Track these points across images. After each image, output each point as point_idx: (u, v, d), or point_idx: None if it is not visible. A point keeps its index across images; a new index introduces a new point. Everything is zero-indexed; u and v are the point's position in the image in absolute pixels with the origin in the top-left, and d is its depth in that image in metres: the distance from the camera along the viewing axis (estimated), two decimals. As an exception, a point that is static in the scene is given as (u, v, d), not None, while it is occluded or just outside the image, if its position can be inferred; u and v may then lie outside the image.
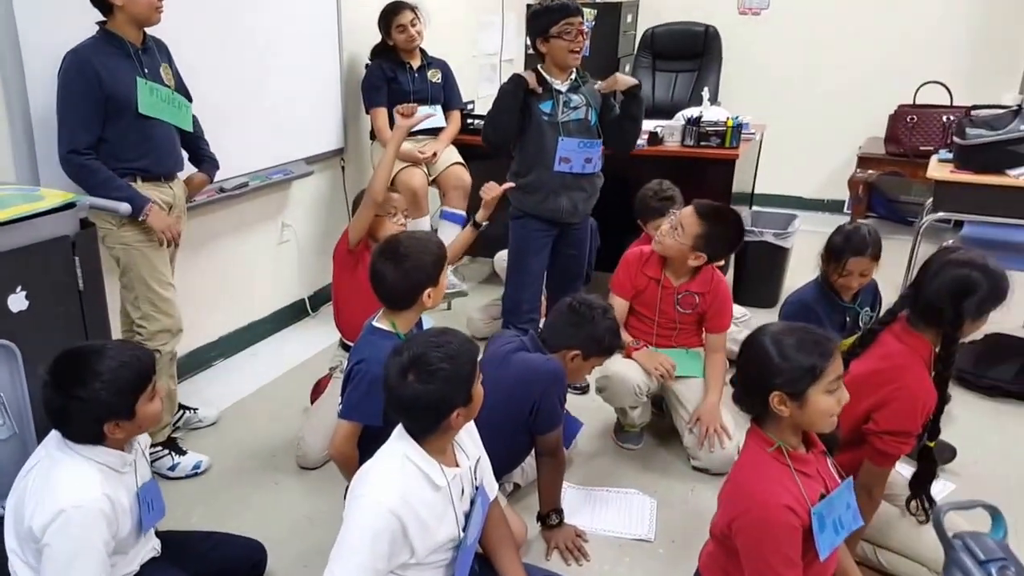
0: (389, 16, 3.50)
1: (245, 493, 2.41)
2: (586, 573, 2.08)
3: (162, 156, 2.36)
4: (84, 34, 2.21)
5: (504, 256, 3.17)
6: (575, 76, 2.79)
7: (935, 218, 3.24)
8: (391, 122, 3.20)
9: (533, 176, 2.81)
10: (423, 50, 3.63)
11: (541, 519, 2.17)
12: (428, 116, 2.88)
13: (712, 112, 3.65)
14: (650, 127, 3.51)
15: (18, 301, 1.74)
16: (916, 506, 1.92)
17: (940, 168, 3.23)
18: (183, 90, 2.46)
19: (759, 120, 4.02)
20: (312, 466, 2.52)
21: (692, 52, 5.18)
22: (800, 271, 3.31)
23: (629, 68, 5.37)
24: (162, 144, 2.35)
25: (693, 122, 3.50)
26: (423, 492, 1.51)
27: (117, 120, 2.22)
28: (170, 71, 2.39)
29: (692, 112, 3.62)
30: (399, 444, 1.54)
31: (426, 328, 1.80)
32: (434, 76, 3.64)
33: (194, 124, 2.51)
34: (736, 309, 2.95)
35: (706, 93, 3.93)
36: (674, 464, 2.57)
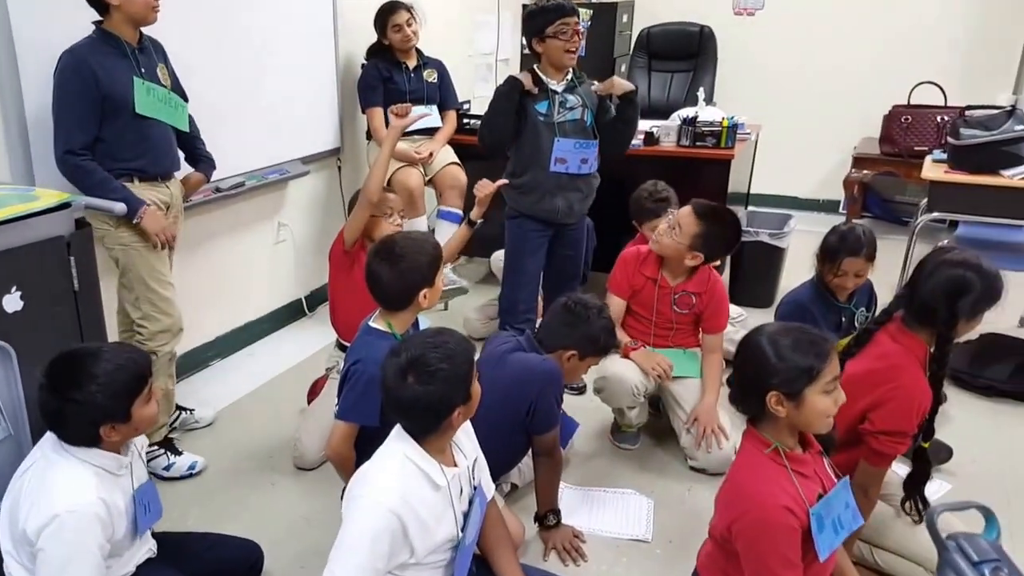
0: (385, 16, 3.50)
1: (242, 494, 2.41)
2: (583, 574, 2.08)
3: (159, 156, 2.36)
4: (79, 33, 2.20)
5: (500, 256, 3.17)
6: (571, 76, 2.79)
7: (930, 218, 3.25)
8: (387, 122, 3.20)
9: (529, 176, 2.80)
10: (419, 50, 3.63)
11: (539, 520, 2.17)
12: (422, 116, 2.89)
13: (708, 112, 3.66)
14: (646, 127, 3.51)
15: (13, 302, 1.73)
16: (910, 507, 1.93)
17: (934, 168, 3.23)
18: (179, 90, 2.45)
19: (754, 120, 4.03)
20: (309, 467, 2.52)
21: (687, 52, 5.18)
22: (796, 271, 3.31)
23: (625, 68, 5.38)
24: (159, 144, 2.34)
25: (689, 122, 3.50)
26: (423, 492, 1.51)
27: (114, 120, 2.21)
28: (166, 71, 2.38)
29: (688, 112, 3.63)
30: (398, 444, 1.54)
31: (422, 329, 1.80)
32: (430, 76, 3.64)
33: (190, 124, 2.51)
34: (732, 309, 2.96)
35: (701, 93, 3.94)
36: (671, 464, 2.57)
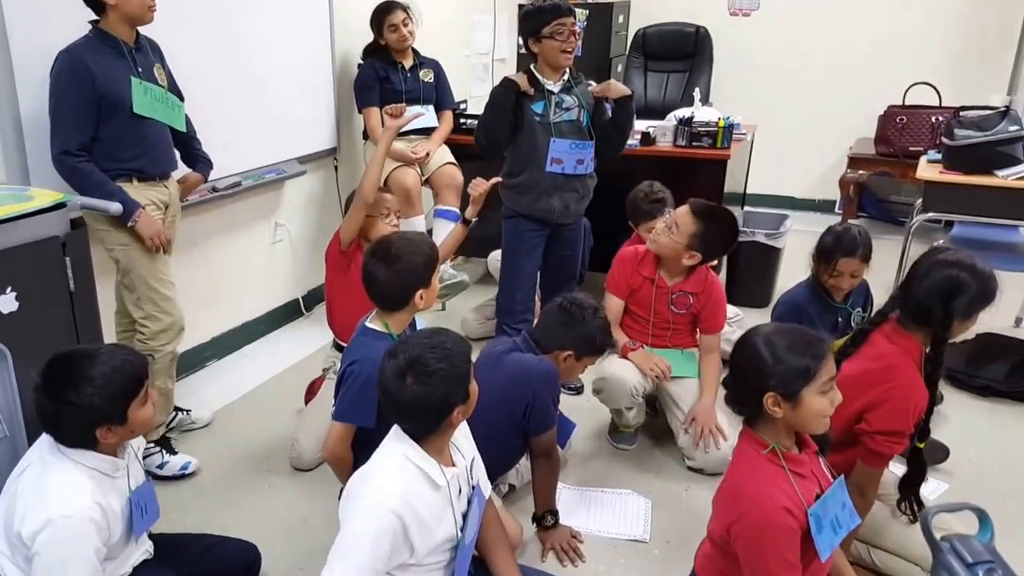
0: (381, 16, 3.50)
1: (239, 495, 2.40)
2: (581, 574, 2.08)
3: (157, 156, 2.35)
4: (74, 32, 2.19)
5: (498, 256, 3.17)
6: (568, 77, 2.79)
7: (925, 218, 3.25)
8: (384, 122, 3.20)
9: (525, 176, 2.80)
10: (415, 50, 3.63)
11: (536, 520, 2.16)
12: (417, 116, 2.88)
13: (703, 112, 3.66)
14: (642, 127, 3.52)
15: (8, 302, 1.72)
16: (905, 507, 1.93)
17: (929, 169, 3.24)
18: (175, 90, 2.44)
19: (750, 120, 4.04)
20: (306, 467, 2.51)
21: (683, 53, 5.19)
22: (792, 271, 3.32)
23: (621, 68, 5.38)
24: (157, 144, 2.34)
25: (685, 122, 3.50)
26: (423, 492, 1.51)
27: (111, 120, 2.20)
28: (163, 71, 2.38)
29: (684, 112, 3.63)
30: (397, 445, 1.53)
31: (419, 329, 1.80)
32: (426, 76, 3.64)
33: (187, 124, 2.50)
34: (728, 309, 2.96)
35: (697, 93, 3.94)
36: (669, 464, 2.57)
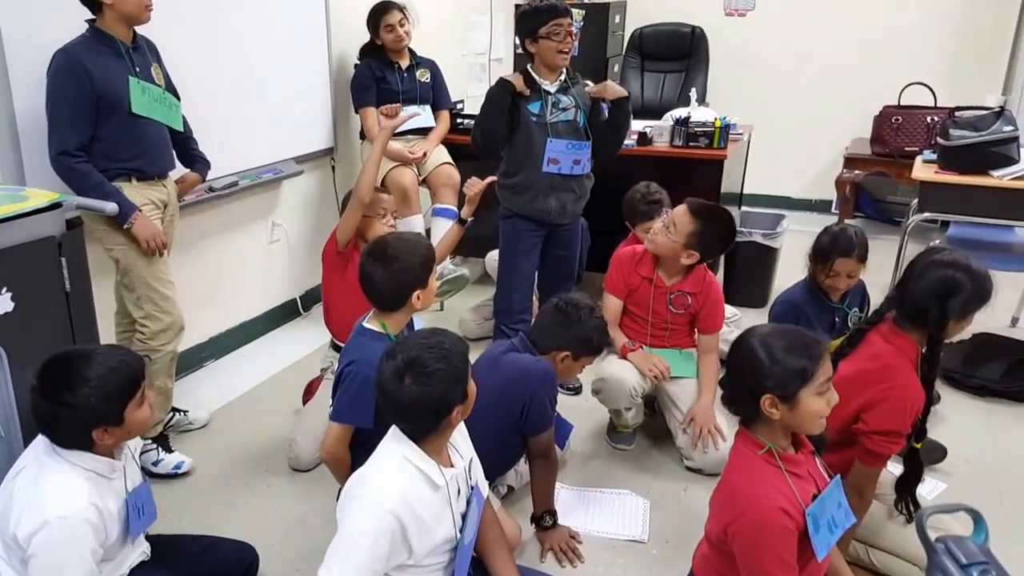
0: (377, 16, 3.50)
1: (236, 495, 2.40)
2: (580, 575, 2.08)
3: (156, 156, 2.35)
4: (70, 32, 2.18)
5: (495, 256, 3.17)
6: (565, 77, 2.78)
7: (921, 218, 3.26)
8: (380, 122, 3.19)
9: (522, 176, 2.80)
10: (412, 50, 3.62)
11: (535, 521, 2.16)
12: (413, 116, 2.87)
13: (700, 113, 3.66)
14: (639, 127, 3.52)
15: (3, 303, 1.71)
16: (902, 508, 1.93)
17: (925, 169, 3.24)
18: (172, 89, 2.44)
19: (747, 121, 4.04)
20: (304, 468, 2.51)
21: (680, 53, 5.19)
22: (789, 271, 3.33)
23: (618, 69, 5.39)
24: (155, 144, 2.34)
25: (681, 123, 3.50)
26: (423, 492, 1.50)
27: (109, 120, 2.20)
28: (160, 70, 2.37)
29: (680, 113, 3.63)
30: (396, 446, 1.53)
31: (417, 329, 1.79)
32: (423, 76, 3.64)
33: (184, 124, 2.50)
34: (726, 309, 2.96)
35: (694, 94, 3.95)
36: (667, 465, 2.57)
